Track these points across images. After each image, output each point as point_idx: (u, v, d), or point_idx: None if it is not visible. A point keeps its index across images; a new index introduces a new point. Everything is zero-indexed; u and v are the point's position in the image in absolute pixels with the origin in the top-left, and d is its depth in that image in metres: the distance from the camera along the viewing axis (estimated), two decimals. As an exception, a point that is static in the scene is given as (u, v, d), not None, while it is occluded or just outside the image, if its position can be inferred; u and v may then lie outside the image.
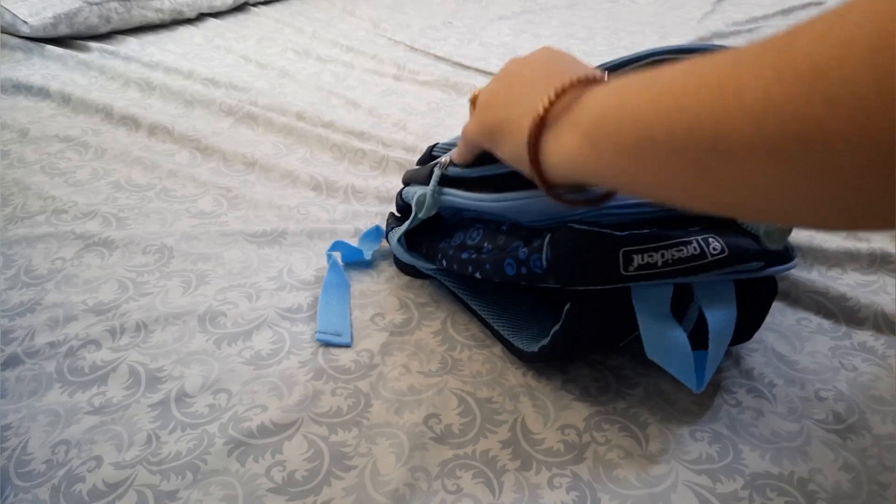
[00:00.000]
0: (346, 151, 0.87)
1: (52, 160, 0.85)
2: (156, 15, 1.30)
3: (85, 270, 0.65)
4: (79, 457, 0.46)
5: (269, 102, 0.99)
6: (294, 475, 0.45)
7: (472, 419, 0.49)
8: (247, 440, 0.47)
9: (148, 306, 0.60)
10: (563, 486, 0.45)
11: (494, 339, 0.56)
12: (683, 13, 1.49)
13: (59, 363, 0.54)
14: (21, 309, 0.60)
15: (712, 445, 0.47)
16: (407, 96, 1.05)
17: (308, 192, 0.79)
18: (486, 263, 0.50)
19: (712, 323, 0.45)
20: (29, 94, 1.02)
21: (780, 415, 0.49)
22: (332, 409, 0.50)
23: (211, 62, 1.17)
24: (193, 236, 0.70)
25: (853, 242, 0.67)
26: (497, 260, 0.49)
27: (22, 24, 1.16)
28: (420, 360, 0.55)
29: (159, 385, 0.52)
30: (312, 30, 1.34)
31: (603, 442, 0.48)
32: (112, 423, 0.49)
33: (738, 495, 0.44)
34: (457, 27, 1.39)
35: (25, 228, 0.71)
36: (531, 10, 1.52)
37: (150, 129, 0.92)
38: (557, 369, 0.53)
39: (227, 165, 0.85)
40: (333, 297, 0.60)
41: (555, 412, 0.50)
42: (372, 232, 0.68)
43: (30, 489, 0.44)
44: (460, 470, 0.46)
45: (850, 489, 0.44)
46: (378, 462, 0.46)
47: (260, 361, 0.54)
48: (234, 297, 0.61)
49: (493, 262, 0.49)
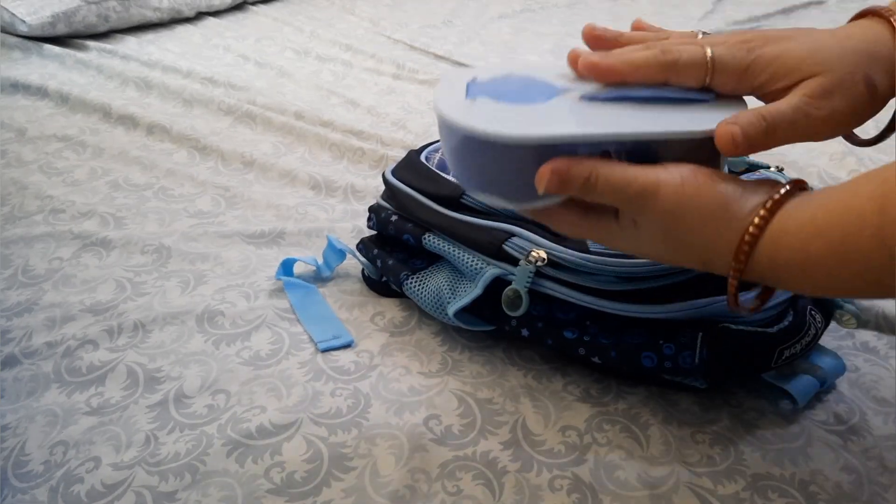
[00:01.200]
0: (346, 150, 0.87)
1: (50, 159, 0.85)
2: (154, 14, 1.30)
3: (83, 270, 0.64)
4: (77, 457, 0.46)
5: (267, 102, 0.98)
6: (293, 476, 0.45)
7: (473, 420, 0.49)
8: (246, 441, 0.47)
9: (146, 306, 0.59)
10: (565, 487, 0.44)
11: (495, 340, 0.56)
12: (684, 12, 1.48)
13: (57, 363, 0.53)
14: (18, 309, 0.59)
15: (713, 447, 0.47)
16: (406, 95, 1.05)
17: (307, 192, 0.79)
18: (610, 350, 0.48)
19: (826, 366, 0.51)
20: (27, 94, 1.02)
21: (781, 416, 0.49)
22: (331, 410, 0.49)
23: (209, 61, 1.16)
24: (191, 236, 0.69)
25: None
26: (627, 350, 0.48)
27: (20, 23, 1.16)
28: (420, 360, 0.54)
29: (158, 385, 0.51)
30: (311, 29, 1.33)
31: (604, 443, 0.47)
32: (110, 424, 0.48)
33: (740, 496, 0.44)
34: (456, 26, 1.39)
35: (23, 228, 0.71)
36: (531, 9, 1.52)
37: (148, 128, 0.92)
38: (558, 370, 0.53)
39: (225, 165, 0.85)
40: (308, 306, 0.59)
41: (556, 413, 0.50)
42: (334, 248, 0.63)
43: (28, 490, 0.44)
44: (460, 471, 0.45)
45: (852, 490, 0.44)
46: (378, 463, 0.46)
47: (259, 362, 0.54)
48: (233, 297, 0.61)
49: (621, 350, 0.48)
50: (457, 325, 0.54)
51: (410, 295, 0.56)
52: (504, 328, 0.52)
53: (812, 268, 0.33)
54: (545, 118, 0.36)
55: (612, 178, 0.36)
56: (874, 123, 0.39)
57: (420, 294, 0.55)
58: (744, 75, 0.37)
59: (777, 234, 0.34)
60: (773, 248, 0.34)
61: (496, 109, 0.37)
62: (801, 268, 0.33)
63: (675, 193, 0.35)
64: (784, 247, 0.33)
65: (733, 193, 0.35)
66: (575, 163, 0.36)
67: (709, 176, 0.36)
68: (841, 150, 0.85)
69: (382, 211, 0.60)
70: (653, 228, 0.37)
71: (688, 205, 0.35)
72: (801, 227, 0.33)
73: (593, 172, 0.36)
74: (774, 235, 0.34)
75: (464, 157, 0.38)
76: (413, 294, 0.56)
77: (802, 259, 0.33)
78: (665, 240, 0.37)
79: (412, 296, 0.56)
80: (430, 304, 0.55)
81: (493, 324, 0.53)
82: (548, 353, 0.54)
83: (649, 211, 0.36)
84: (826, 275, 0.33)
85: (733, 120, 0.36)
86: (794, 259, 0.33)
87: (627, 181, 0.36)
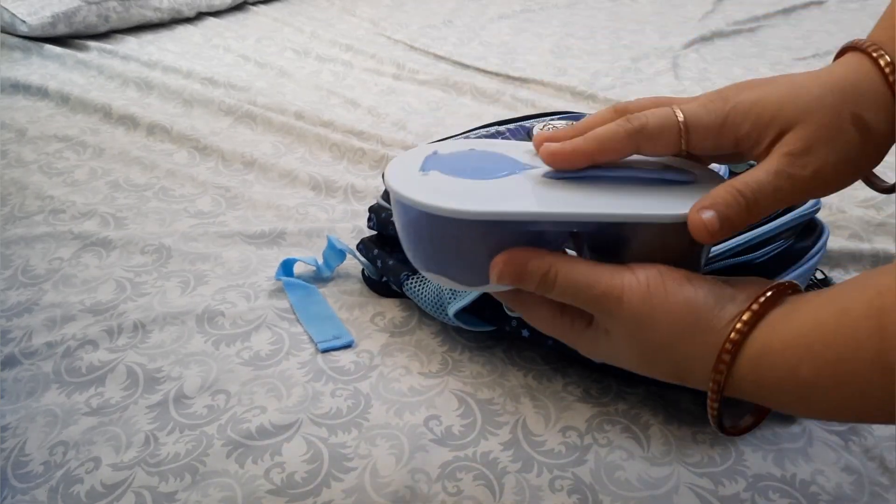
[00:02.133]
0: (346, 151, 0.87)
1: (51, 160, 0.85)
2: (154, 14, 1.30)
3: (83, 270, 0.64)
4: (77, 458, 0.46)
5: (268, 102, 0.98)
6: (293, 477, 0.45)
7: (473, 420, 0.49)
8: (246, 441, 0.47)
9: (146, 306, 0.59)
10: (565, 488, 0.44)
11: (495, 340, 0.56)
12: (684, 12, 1.48)
13: (57, 363, 0.53)
14: (18, 309, 0.59)
15: (714, 447, 0.47)
16: (406, 95, 1.05)
17: (307, 192, 0.79)
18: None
19: None
20: (27, 94, 1.02)
21: (782, 416, 0.49)
22: (331, 411, 0.49)
23: (210, 61, 1.16)
24: (192, 236, 0.69)
25: (856, 243, 0.67)
26: None
27: (20, 24, 1.16)
28: (420, 360, 0.54)
29: (157, 386, 0.51)
30: (311, 29, 1.33)
31: (605, 443, 0.47)
32: (110, 424, 0.48)
33: (741, 497, 0.44)
34: (456, 26, 1.39)
35: (23, 228, 0.71)
36: (531, 10, 1.52)
37: (148, 128, 0.92)
38: (558, 371, 0.53)
39: (225, 165, 0.84)
40: (308, 307, 0.59)
41: (556, 413, 0.50)
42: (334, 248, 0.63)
43: (28, 490, 0.44)
44: (461, 472, 0.45)
45: (852, 491, 0.44)
46: (378, 464, 0.46)
47: (259, 362, 0.54)
48: (233, 298, 0.60)
49: None
50: (457, 326, 0.54)
51: (410, 295, 0.56)
52: (504, 328, 0.52)
53: (805, 391, 0.29)
54: (501, 194, 0.32)
55: (572, 276, 0.32)
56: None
57: (420, 294, 0.55)
58: (722, 129, 0.33)
59: (760, 350, 0.29)
60: (756, 367, 0.30)
61: (448, 183, 0.33)
62: (792, 390, 0.29)
63: (641, 301, 0.31)
64: (769, 366, 0.29)
65: (706, 301, 0.31)
66: (534, 255, 0.32)
67: (679, 279, 0.31)
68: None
69: (383, 211, 0.60)
70: (622, 336, 0.33)
71: (655, 314, 0.31)
72: (788, 345, 0.29)
73: (553, 268, 0.32)
74: (757, 352, 0.30)
75: (412, 234, 0.35)
76: (413, 294, 0.56)
77: (793, 382, 0.29)
78: (636, 350, 0.33)
79: (412, 296, 0.56)
80: (431, 304, 0.55)
81: (493, 324, 0.53)
82: (548, 354, 0.54)
83: (615, 318, 0.32)
84: (821, 398, 0.29)
85: (708, 202, 0.31)
86: (783, 381, 0.29)
87: (589, 283, 0.32)
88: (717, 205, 0.31)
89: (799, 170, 0.31)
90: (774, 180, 0.31)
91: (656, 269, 0.32)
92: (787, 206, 0.32)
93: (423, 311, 0.57)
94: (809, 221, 0.55)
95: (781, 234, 0.51)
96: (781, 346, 0.29)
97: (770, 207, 0.32)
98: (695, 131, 0.33)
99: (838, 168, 0.32)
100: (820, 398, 0.29)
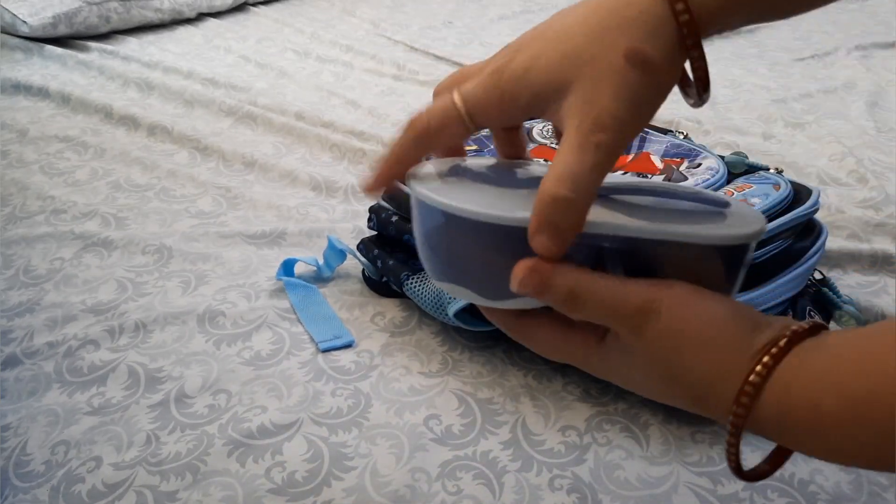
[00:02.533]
0: (346, 151, 0.87)
1: (52, 160, 0.85)
2: (155, 15, 1.30)
3: (84, 270, 0.64)
4: (78, 457, 0.46)
5: (268, 102, 0.99)
6: (294, 476, 0.45)
7: (473, 420, 0.49)
8: (246, 441, 0.47)
9: (147, 306, 0.60)
10: (564, 487, 0.44)
11: (495, 340, 0.56)
12: (683, 13, 1.48)
13: (58, 363, 0.54)
14: (20, 309, 0.60)
15: (713, 447, 0.47)
16: (407, 96, 1.05)
17: (308, 192, 0.79)
18: None
19: None
20: (28, 94, 1.02)
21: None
22: (332, 410, 0.50)
23: (210, 62, 1.16)
24: (192, 236, 0.70)
25: (854, 244, 0.67)
26: None
27: (21, 24, 1.16)
28: (420, 360, 0.54)
29: (159, 385, 0.52)
30: (312, 30, 1.34)
31: (604, 443, 0.47)
32: (111, 424, 0.48)
33: (739, 496, 0.44)
34: (457, 27, 1.39)
35: (24, 228, 0.71)
36: (531, 10, 1.52)
37: (149, 129, 0.92)
38: (558, 370, 0.53)
39: (226, 165, 0.85)
40: (309, 306, 0.59)
41: (556, 413, 0.50)
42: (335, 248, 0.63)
43: (29, 490, 0.44)
44: (461, 471, 0.45)
45: (851, 490, 0.44)
46: (378, 463, 0.46)
47: (259, 362, 0.54)
48: (234, 298, 0.61)
49: None
50: (457, 325, 0.54)
51: (411, 295, 0.56)
52: None
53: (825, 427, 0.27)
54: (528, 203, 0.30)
55: (603, 291, 0.30)
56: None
57: (420, 294, 0.56)
58: (502, 104, 0.31)
59: (790, 380, 0.28)
60: (783, 397, 0.28)
61: (474, 190, 0.33)
62: (812, 425, 0.28)
63: (679, 316, 0.29)
64: (795, 397, 0.28)
65: (744, 324, 0.29)
66: (560, 269, 0.30)
67: (718, 298, 0.30)
68: (840, 151, 0.85)
69: (383, 211, 0.60)
70: (647, 355, 0.30)
71: (690, 330, 0.29)
72: (816, 377, 0.27)
73: (580, 283, 0.30)
74: (786, 381, 0.28)
75: (432, 241, 0.34)
76: (413, 294, 0.56)
77: (814, 416, 0.27)
78: (658, 370, 0.31)
79: (412, 296, 0.56)
80: (431, 304, 0.55)
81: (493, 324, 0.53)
82: (548, 354, 0.55)
83: (646, 334, 0.30)
84: (841, 436, 0.27)
85: (534, 225, 0.29)
86: (805, 415, 0.28)
87: (623, 297, 0.30)
88: (541, 223, 0.29)
89: (599, 135, 0.28)
90: (581, 156, 0.28)
91: (692, 286, 0.30)
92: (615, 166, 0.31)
93: (423, 311, 0.57)
94: (808, 221, 0.55)
95: (780, 234, 0.51)
96: (808, 378, 0.28)
97: (597, 181, 0.29)
98: (477, 113, 0.32)
99: (632, 112, 0.29)
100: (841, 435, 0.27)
